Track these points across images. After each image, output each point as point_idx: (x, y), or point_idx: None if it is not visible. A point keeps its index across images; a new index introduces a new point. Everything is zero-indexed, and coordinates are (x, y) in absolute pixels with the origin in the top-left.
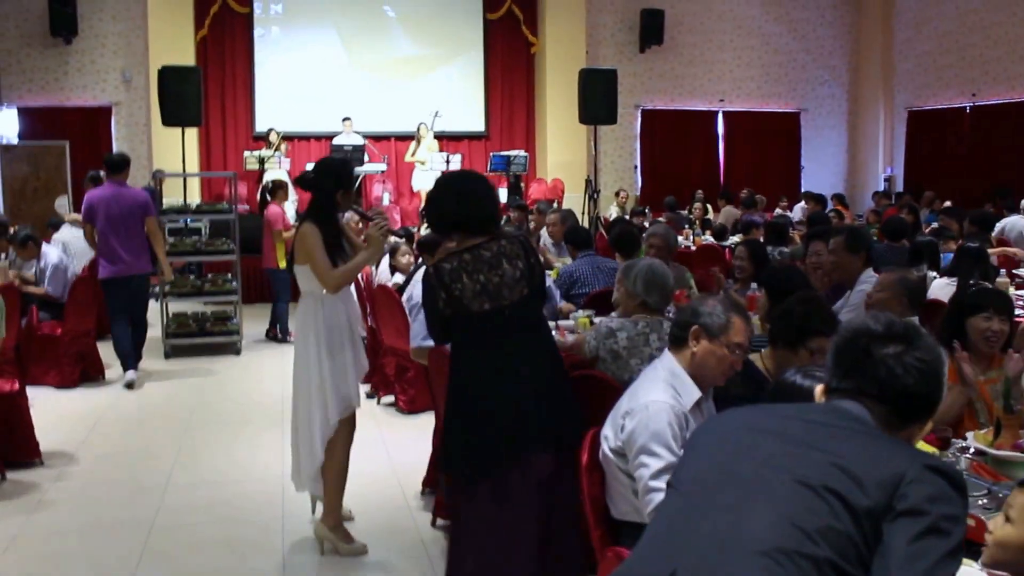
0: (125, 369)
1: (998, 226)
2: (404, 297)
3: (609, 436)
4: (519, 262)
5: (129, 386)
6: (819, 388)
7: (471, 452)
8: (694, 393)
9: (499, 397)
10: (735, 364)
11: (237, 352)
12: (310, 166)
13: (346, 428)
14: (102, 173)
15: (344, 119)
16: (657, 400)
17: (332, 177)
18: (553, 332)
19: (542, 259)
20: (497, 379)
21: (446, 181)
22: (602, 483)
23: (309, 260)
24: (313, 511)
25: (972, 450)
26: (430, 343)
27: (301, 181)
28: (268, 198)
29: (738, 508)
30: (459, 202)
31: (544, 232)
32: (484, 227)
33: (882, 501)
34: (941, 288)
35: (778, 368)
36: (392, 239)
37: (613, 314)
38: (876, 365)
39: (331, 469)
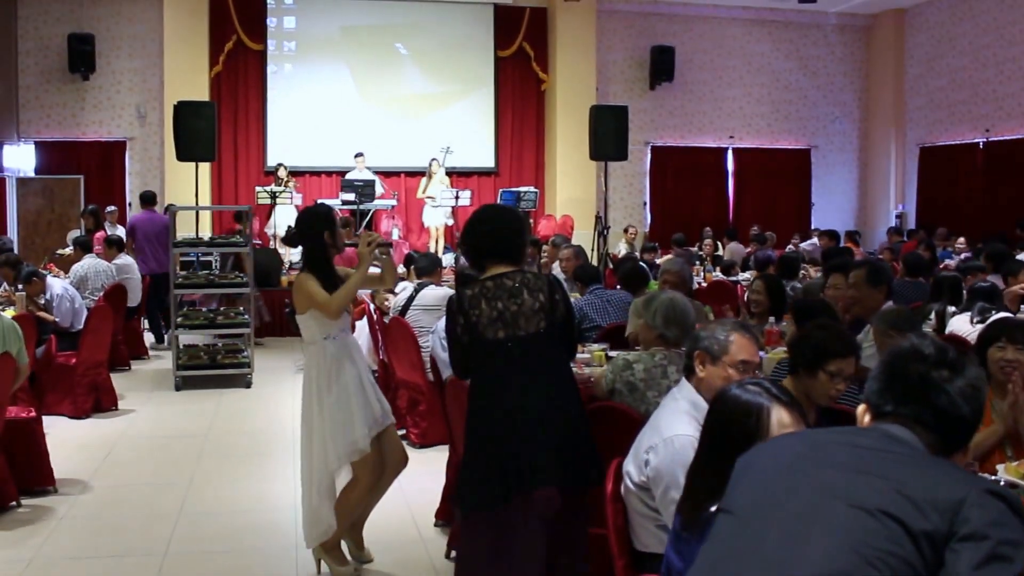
0: (159, 340)
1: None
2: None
3: (632, 472)
4: (541, 295)
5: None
6: (860, 408)
7: (473, 485)
8: None
9: (504, 430)
10: None
11: (248, 385)
12: (321, 202)
13: (367, 472)
14: (110, 208)
15: (356, 155)
16: (681, 434)
17: (313, 223)
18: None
19: None
20: (504, 411)
21: (484, 211)
22: (625, 513)
23: (308, 301)
24: (319, 571)
25: (1003, 483)
26: None
27: (288, 241)
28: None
29: (795, 533)
30: (495, 230)
31: (556, 266)
32: (516, 256)
33: (942, 526)
34: (960, 324)
35: (800, 394)
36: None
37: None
38: (936, 394)
39: (345, 500)
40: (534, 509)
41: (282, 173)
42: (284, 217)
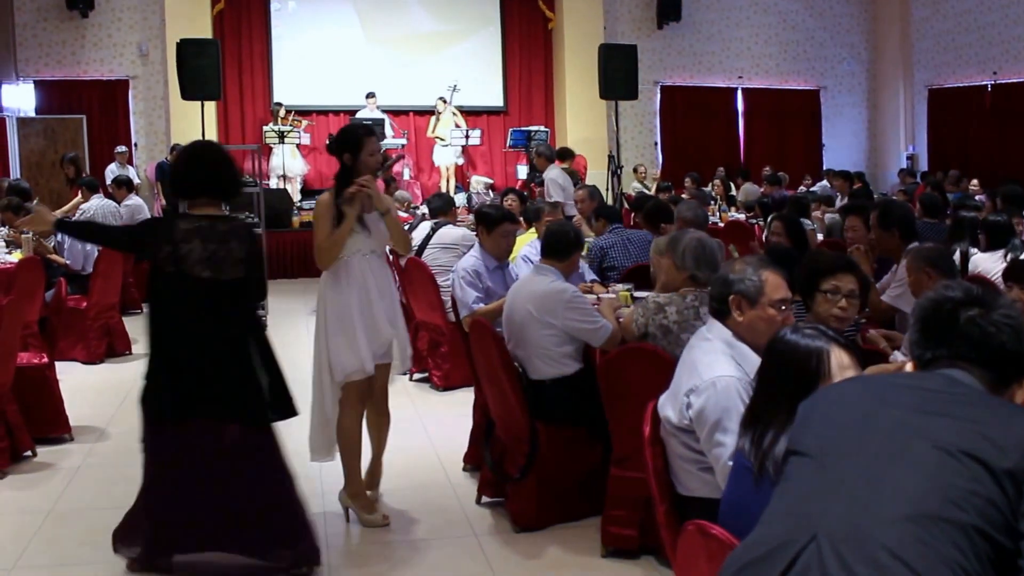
0: None
1: None
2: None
3: (671, 415)
4: (244, 247)
5: None
6: (908, 365)
7: (163, 397)
8: (753, 359)
9: (189, 357)
10: (787, 320)
11: (263, 328)
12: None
13: (356, 397)
14: (120, 149)
15: (368, 95)
16: (723, 375)
17: (339, 141)
18: (593, 305)
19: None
20: (193, 341)
21: (196, 150)
22: (665, 456)
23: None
24: (347, 519)
25: None
26: (479, 305)
27: (328, 148)
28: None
29: (877, 474)
30: (211, 169)
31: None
32: (229, 194)
33: (1022, 463)
34: (983, 262)
35: None
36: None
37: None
38: (967, 327)
39: (340, 437)
40: (204, 438)
41: (281, 113)
42: (292, 159)
